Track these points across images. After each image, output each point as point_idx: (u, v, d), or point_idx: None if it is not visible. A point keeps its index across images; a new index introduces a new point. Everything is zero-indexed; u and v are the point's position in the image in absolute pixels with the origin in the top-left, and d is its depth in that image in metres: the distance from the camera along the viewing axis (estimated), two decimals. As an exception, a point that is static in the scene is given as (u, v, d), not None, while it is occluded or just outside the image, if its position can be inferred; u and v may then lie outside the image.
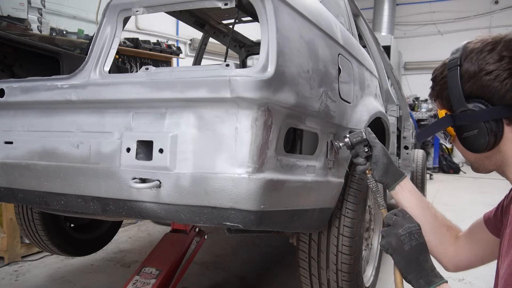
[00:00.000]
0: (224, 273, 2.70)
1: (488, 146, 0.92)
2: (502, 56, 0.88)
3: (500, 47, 0.89)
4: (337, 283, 1.69)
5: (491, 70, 0.88)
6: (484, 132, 0.91)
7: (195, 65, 3.27)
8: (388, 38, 9.36)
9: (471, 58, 0.92)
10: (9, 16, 3.40)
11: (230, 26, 2.97)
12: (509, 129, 0.91)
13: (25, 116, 1.41)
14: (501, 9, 10.47)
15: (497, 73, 0.87)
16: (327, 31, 1.44)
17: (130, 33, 5.54)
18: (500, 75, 0.87)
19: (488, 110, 0.89)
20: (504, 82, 0.87)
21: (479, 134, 0.91)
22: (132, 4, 1.28)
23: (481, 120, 0.90)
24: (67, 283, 2.52)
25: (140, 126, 1.21)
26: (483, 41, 0.93)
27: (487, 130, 0.90)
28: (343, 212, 1.67)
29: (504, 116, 0.90)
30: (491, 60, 0.89)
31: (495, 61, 0.88)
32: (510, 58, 0.88)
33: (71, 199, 1.35)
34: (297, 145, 1.43)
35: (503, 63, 0.88)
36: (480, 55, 0.91)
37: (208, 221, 1.16)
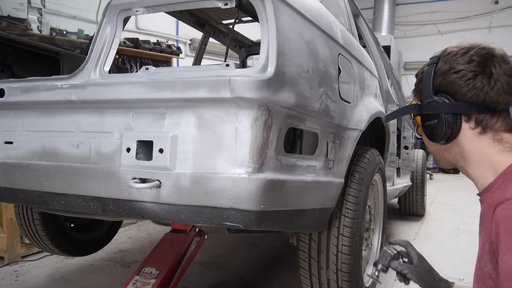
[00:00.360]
0: (224, 273, 2.70)
1: (445, 136, 1.01)
2: (472, 59, 0.97)
3: (472, 52, 0.99)
4: (337, 283, 1.69)
5: (459, 70, 0.98)
6: (442, 123, 1.00)
7: (195, 65, 3.27)
8: (388, 38, 9.37)
9: (446, 59, 1.02)
10: (9, 16, 3.40)
11: (230, 26, 2.97)
12: (466, 126, 1.00)
13: (25, 116, 1.41)
14: (501, 9, 10.47)
15: (464, 73, 0.97)
16: (327, 31, 1.44)
17: (130, 33, 5.54)
18: (465, 75, 0.97)
19: (449, 104, 1.00)
20: (467, 81, 0.97)
21: (438, 124, 1.01)
22: (132, 4, 1.28)
23: (441, 111, 1.00)
24: (67, 283, 2.52)
25: (140, 126, 1.21)
26: (460, 46, 1.03)
27: (445, 121, 1.00)
28: (343, 212, 1.67)
29: (462, 112, 0.99)
30: (462, 61, 0.98)
31: (464, 63, 0.98)
32: (478, 62, 0.97)
33: (71, 199, 1.35)
34: (297, 145, 1.43)
35: (471, 65, 0.97)
36: (454, 56, 1.00)
37: (208, 221, 1.16)
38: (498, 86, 0.95)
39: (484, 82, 0.96)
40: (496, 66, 0.96)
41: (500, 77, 0.96)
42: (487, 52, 0.98)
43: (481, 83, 0.96)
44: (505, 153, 0.97)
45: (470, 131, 1.00)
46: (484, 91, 0.96)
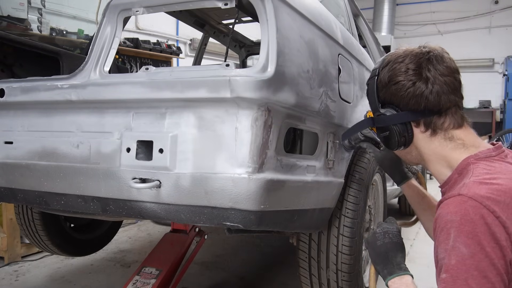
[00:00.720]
0: (224, 273, 2.70)
1: (399, 144, 1.08)
2: (407, 68, 1.02)
3: (407, 60, 1.03)
4: (337, 283, 1.69)
5: (398, 81, 1.03)
6: (393, 134, 1.07)
7: (195, 65, 3.27)
8: (388, 38, 9.35)
9: (385, 69, 1.07)
10: (9, 16, 3.40)
11: (230, 26, 2.97)
12: (417, 130, 1.06)
13: (25, 116, 1.41)
14: (501, 9, 10.47)
15: (403, 83, 1.02)
16: (327, 31, 1.44)
17: (130, 33, 5.54)
18: (404, 85, 1.02)
19: (396, 115, 1.05)
20: (407, 91, 1.01)
21: (390, 135, 1.08)
22: (132, 4, 1.28)
23: (391, 123, 1.06)
24: (67, 283, 2.52)
25: (140, 126, 1.21)
26: (396, 54, 1.07)
27: (395, 132, 1.07)
28: (343, 212, 1.67)
29: (409, 120, 1.05)
30: (399, 72, 1.03)
31: (401, 73, 1.02)
32: (414, 70, 1.01)
33: (71, 199, 1.35)
34: (297, 145, 1.43)
35: (408, 74, 1.01)
36: (392, 66, 1.05)
37: (208, 221, 1.16)
38: (436, 89, 1.00)
39: (422, 88, 1.00)
40: (431, 70, 1.00)
41: (436, 79, 1.00)
42: (421, 57, 1.02)
43: (419, 89, 1.00)
44: (458, 150, 1.01)
45: (421, 134, 1.05)
46: (424, 96, 1.00)
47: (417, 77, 1.01)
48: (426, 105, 1.01)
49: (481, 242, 0.81)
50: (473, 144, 1.02)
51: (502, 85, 10.26)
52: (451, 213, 0.86)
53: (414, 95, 1.01)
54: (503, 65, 10.36)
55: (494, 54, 10.38)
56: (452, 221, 0.85)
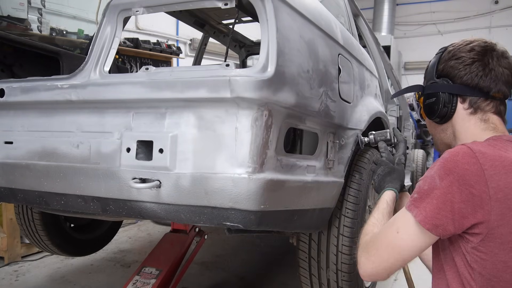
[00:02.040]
0: (224, 273, 2.70)
1: (440, 114, 1.12)
2: (473, 48, 1.08)
3: (475, 43, 1.09)
4: (337, 283, 1.69)
5: (460, 56, 1.08)
6: (438, 101, 1.11)
7: (195, 65, 3.27)
8: (388, 38, 9.37)
9: (451, 49, 1.12)
10: (9, 16, 3.40)
11: (230, 26, 2.97)
12: (461, 106, 1.09)
13: (25, 116, 1.41)
14: (501, 9, 10.47)
15: (463, 59, 1.07)
16: (327, 31, 1.44)
17: (130, 33, 5.53)
18: (464, 61, 1.07)
19: (446, 84, 1.10)
20: (465, 67, 1.07)
21: (435, 101, 1.12)
22: (132, 4, 1.28)
23: (439, 91, 1.10)
24: (67, 283, 2.52)
25: (140, 126, 1.21)
26: (465, 39, 1.13)
27: (442, 99, 1.10)
28: (343, 212, 1.67)
29: (457, 92, 1.09)
30: (464, 50, 1.09)
31: (466, 51, 1.08)
32: (478, 52, 1.07)
33: (71, 199, 1.35)
34: (297, 145, 1.43)
35: (471, 53, 1.07)
36: (458, 46, 1.11)
37: (208, 221, 1.16)
38: (493, 74, 1.05)
39: (479, 69, 1.05)
40: (494, 58, 1.06)
41: (495, 67, 1.05)
42: (488, 45, 1.08)
43: (477, 69, 1.05)
44: (487, 131, 1.06)
45: (463, 111, 1.09)
46: (479, 76, 1.05)
47: (479, 58, 1.06)
48: (478, 84, 1.05)
49: (453, 181, 0.90)
50: (503, 131, 1.07)
51: (502, 85, 10.26)
52: (446, 152, 0.97)
53: (471, 72, 1.06)
54: (503, 65, 10.34)
55: (494, 54, 10.37)
56: (442, 157, 0.96)
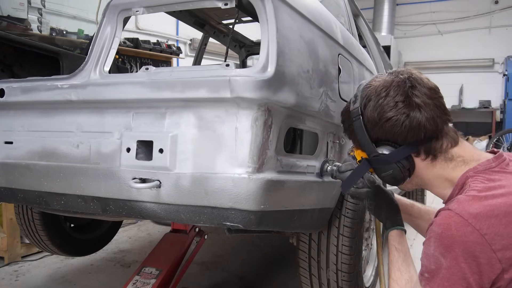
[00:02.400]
0: (224, 273, 2.70)
1: (405, 179, 1.06)
2: (396, 102, 0.99)
3: (392, 92, 1.00)
4: (337, 283, 1.69)
5: (390, 117, 0.99)
6: (398, 171, 1.04)
7: (195, 65, 3.27)
8: (388, 38, 9.35)
9: (369, 106, 1.03)
10: (9, 16, 3.40)
11: (230, 26, 2.97)
12: (418, 159, 1.04)
13: (25, 116, 1.41)
14: (501, 9, 10.46)
15: (396, 119, 0.98)
16: (327, 31, 1.44)
17: (130, 33, 5.53)
18: (399, 120, 0.98)
19: (396, 151, 1.02)
20: (403, 125, 0.98)
21: (395, 173, 1.05)
22: (132, 4, 1.28)
23: (393, 161, 1.03)
24: (67, 283, 2.52)
25: (140, 126, 1.21)
26: (376, 87, 1.03)
27: (400, 168, 1.04)
28: (343, 212, 1.67)
29: (411, 153, 1.03)
30: (387, 107, 0.99)
31: (391, 108, 0.99)
32: (403, 102, 0.98)
33: (71, 199, 1.35)
34: (297, 145, 1.43)
35: (399, 108, 0.98)
36: (377, 102, 1.01)
37: (208, 221, 1.16)
38: (431, 115, 0.98)
39: (418, 118, 0.97)
40: (419, 96, 0.98)
41: (426, 105, 0.98)
42: (404, 86, 0.99)
43: (416, 120, 0.97)
44: (459, 168, 1.01)
45: (422, 162, 1.04)
46: (422, 126, 0.98)
47: (409, 109, 0.98)
48: (425, 133, 0.99)
49: (457, 257, 0.85)
50: (472, 158, 1.01)
51: (502, 85, 10.26)
52: (437, 224, 0.90)
53: (412, 127, 0.98)
54: (503, 65, 10.35)
55: (494, 54, 10.37)
56: (435, 232, 0.90)
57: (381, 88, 1.02)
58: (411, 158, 1.04)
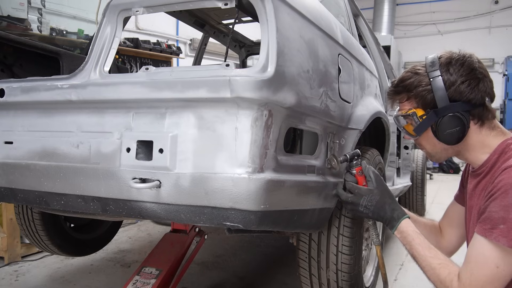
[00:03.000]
0: (224, 273, 2.70)
1: (464, 132, 1.19)
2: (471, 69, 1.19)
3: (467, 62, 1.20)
4: (337, 283, 1.69)
5: (464, 80, 1.18)
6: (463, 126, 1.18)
7: (195, 65, 3.27)
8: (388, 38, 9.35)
9: (448, 70, 1.21)
10: (9, 16, 3.40)
11: (230, 26, 2.97)
12: (472, 122, 1.20)
13: (25, 116, 1.41)
14: (501, 9, 10.47)
15: (469, 82, 1.18)
16: (327, 31, 1.44)
17: (130, 33, 5.53)
18: (471, 84, 1.18)
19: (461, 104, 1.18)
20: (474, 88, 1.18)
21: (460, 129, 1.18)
22: (132, 4, 1.28)
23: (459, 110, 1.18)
24: (67, 283, 2.52)
25: (140, 126, 1.21)
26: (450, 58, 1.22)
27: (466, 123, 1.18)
28: (343, 212, 1.67)
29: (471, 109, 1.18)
30: (464, 72, 1.19)
31: (466, 73, 1.19)
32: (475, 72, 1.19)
33: (71, 199, 1.35)
34: (297, 145, 1.43)
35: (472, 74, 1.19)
36: (455, 67, 1.20)
37: (208, 221, 1.16)
38: (490, 86, 1.20)
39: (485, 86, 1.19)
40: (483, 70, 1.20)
41: (487, 77, 1.20)
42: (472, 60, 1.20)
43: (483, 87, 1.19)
44: (499, 137, 1.21)
45: (473, 126, 1.21)
46: (486, 93, 1.19)
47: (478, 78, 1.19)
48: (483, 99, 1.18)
49: None
50: (507, 131, 1.23)
51: (502, 85, 10.26)
52: None
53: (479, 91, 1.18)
54: (503, 65, 10.36)
55: (494, 54, 10.37)
56: None
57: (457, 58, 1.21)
58: (468, 116, 1.19)
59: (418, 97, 1.25)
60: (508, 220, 1.01)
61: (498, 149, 1.18)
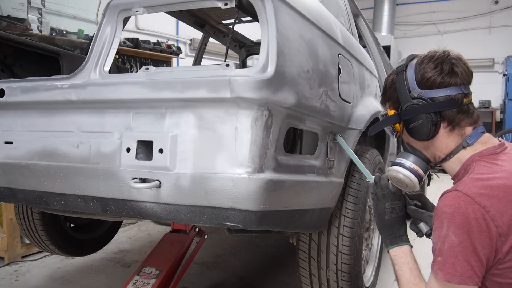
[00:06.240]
0: (224, 273, 2.70)
1: (430, 133, 1.12)
2: (436, 64, 1.11)
3: (435, 59, 1.12)
4: (337, 283, 1.69)
5: (429, 76, 1.11)
6: (427, 122, 1.11)
7: (195, 65, 3.27)
8: (388, 38, 9.35)
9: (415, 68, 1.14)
10: (9, 16, 3.40)
11: (230, 26, 2.97)
12: (441, 125, 1.12)
13: (25, 116, 1.41)
14: (501, 9, 10.46)
15: (433, 78, 1.11)
16: (327, 31, 1.44)
17: (130, 33, 5.53)
18: (434, 80, 1.11)
19: (427, 104, 1.11)
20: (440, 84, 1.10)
21: (423, 123, 1.12)
22: (132, 4, 1.28)
23: (423, 112, 1.11)
24: (67, 283, 2.52)
25: (140, 126, 1.21)
26: (421, 56, 1.16)
27: (429, 120, 1.10)
28: (343, 212, 1.67)
29: (439, 110, 1.11)
30: (428, 68, 1.12)
31: (431, 69, 1.11)
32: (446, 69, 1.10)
33: (71, 199, 1.35)
34: (297, 145, 1.43)
35: (437, 70, 1.11)
36: (421, 65, 1.13)
37: (208, 221, 1.16)
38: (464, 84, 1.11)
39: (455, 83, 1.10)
40: (459, 67, 1.11)
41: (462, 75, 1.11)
42: (447, 56, 1.11)
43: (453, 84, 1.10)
44: (469, 148, 1.11)
45: (443, 130, 1.13)
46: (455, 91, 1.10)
47: (450, 75, 1.10)
48: (455, 100, 1.10)
49: (469, 232, 0.94)
50: (480, 141, 1.11)
51: (502, 85, 10.25)
52: (446, 205, 0.99)
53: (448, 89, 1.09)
54: (503, 65, 10.35)
55: (494, 54, 10.37)
56: (446, 213, 0.98)
57: (426, 56, 1.15)
58: (438, 117, 1.11)
59: (390, 98, 1.22)
60: (443, 252, 0.97)
61: (465, 164, 1.09)
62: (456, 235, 0.95)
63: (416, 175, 1.18)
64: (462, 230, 0.94)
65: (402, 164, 1.19)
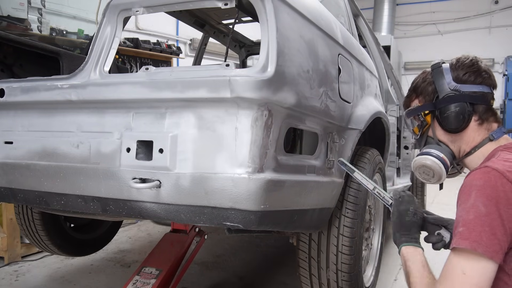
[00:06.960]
0: (224, 273, 2.70)
1: (464, 122, 1.17)
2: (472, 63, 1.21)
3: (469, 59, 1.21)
4: (337, 283, 1.69)
5: (466, 72, 1.20)
6: (464, 110, 1.17)
7: (195, 65, 3.27)
8: (388, 38, 9.35)
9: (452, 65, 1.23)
10: (9, 16, 3.40)
11: (230, 26, 2.97)
12: (472, 118, 1.18)
13: (25, 116, 1.41)
14: (501, 9, 10.46)
15: (470, 74, 1.19)
16: (327, 31, 1.44)
17: (130, 33, 5.53)
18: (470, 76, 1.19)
19: (463, 94, 1.18)
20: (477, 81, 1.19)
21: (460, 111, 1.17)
22: (132, 4, 1.28)
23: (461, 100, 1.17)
24: (67, 283, 2.52)
25: (140, 126, 1.21)
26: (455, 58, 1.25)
27: (466, 108, 1.16)
28: (343, 212, 1.67)
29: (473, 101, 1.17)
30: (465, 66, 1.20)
31: (468, 67, 1.20)
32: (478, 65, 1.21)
33: (71, 199, 1.35)
34: (297, 145, 1.43)
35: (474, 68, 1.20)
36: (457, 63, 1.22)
37: (208, 221, 1.16)
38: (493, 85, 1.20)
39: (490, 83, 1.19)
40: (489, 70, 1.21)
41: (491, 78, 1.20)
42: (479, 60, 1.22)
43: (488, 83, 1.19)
44: (493, 142, 1.17)
45: (473, 122, 1.18)
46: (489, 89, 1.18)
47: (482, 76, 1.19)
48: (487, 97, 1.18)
49: (497, 204, 0.95)
50: (504, 138, 1.18)
51: (502, 85, 10.25)
52: (476, 179, 1.01)
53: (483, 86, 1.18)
54: (503, 65, 10.35)
55: (494, 54, 10.36)
56: (475, 185, 1.00)
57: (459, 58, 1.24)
58: (471, 109, 1.17)
59: (422, 92, 1.26)
60: (468, 222, 0.97)
61: (489, 156, 1.14)
62: (485, 206, 0.96)
63: (444, 164, 1.20)
64: (491, 201, 0.96)
65: (429, 153, 1.22)
